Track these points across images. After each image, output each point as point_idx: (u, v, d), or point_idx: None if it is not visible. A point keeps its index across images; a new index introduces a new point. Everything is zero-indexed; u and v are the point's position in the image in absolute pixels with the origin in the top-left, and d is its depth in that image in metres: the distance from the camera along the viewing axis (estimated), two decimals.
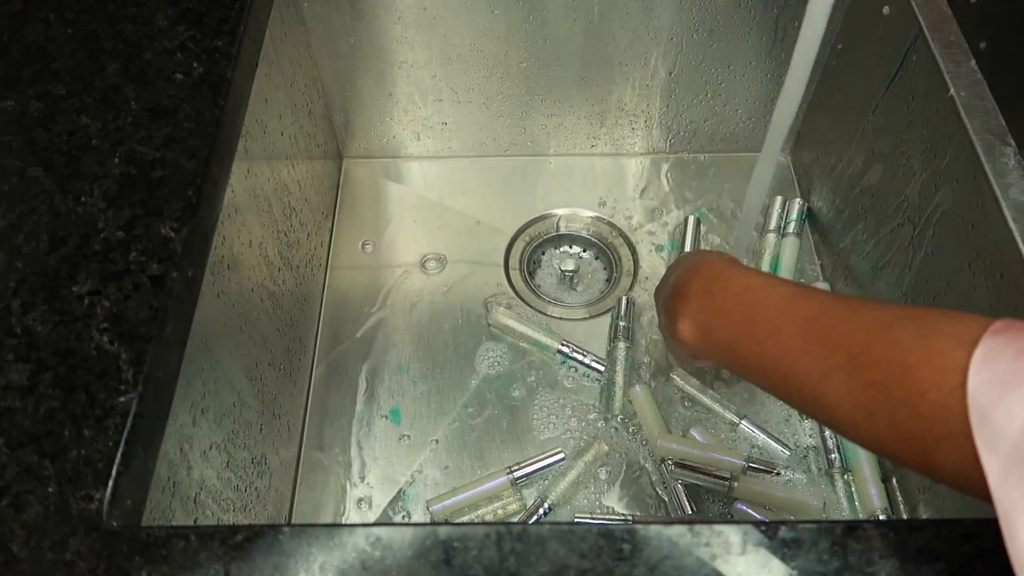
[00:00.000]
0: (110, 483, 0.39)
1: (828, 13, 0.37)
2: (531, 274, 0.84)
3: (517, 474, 0.69)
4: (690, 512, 0.67)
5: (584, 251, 0.87)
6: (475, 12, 0.77)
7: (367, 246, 0.86)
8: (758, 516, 0.67)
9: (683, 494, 0.68)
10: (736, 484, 0.67)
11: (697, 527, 0.36)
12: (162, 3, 0.59)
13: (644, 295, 0.81)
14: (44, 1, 0.59)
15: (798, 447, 0.71)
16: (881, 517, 0.66)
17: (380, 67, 0.82)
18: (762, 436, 0.72)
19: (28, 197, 0.49)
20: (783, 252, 0.83)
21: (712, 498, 0.69)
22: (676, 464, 0.68)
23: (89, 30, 0.57)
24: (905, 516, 0.67)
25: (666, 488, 0.69)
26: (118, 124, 0.52)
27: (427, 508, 0.68)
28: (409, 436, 0.73)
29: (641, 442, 0.71)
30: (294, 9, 0.74)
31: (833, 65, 0.79)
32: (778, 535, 0.36)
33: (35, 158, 0.51)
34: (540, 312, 0.80)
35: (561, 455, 0.70)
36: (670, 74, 0.84)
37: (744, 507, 0.68)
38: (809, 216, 0.86)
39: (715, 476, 0.67)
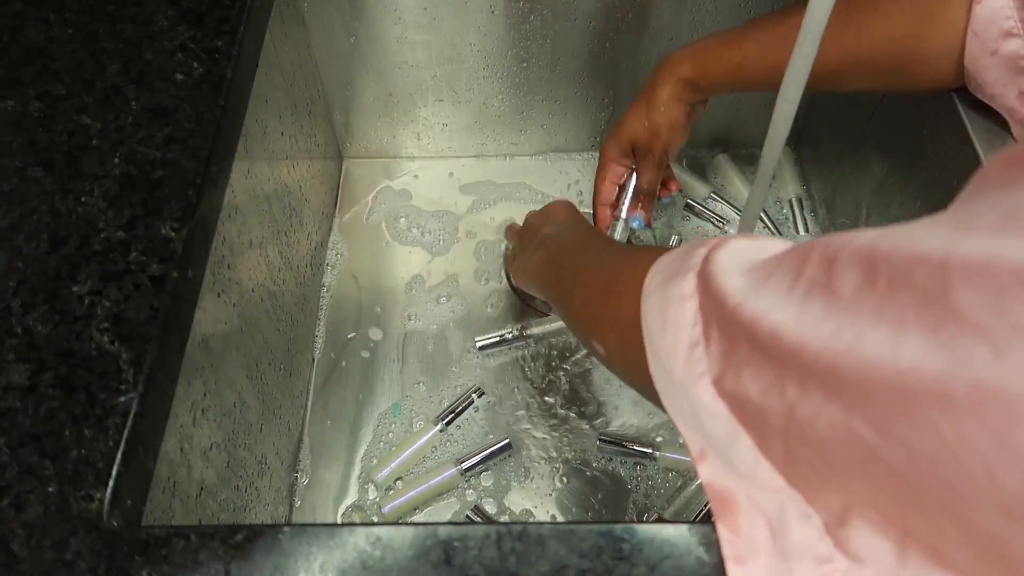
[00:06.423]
0: (110, 483, 0.39)
1: (828, 12, 0.37)
2: None
3: (465, 465, 0.70)
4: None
5: None
6: (475, 12, 0.77)
7: (367, 245, 0.86)
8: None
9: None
10: (659, 455, 0.70)
11: (698, 527, 0.36)
12: (162, 3, 0.59)
13: None
14: (44, 1, 0.59)
15: None
16: None
17: (380, 67, 0.82)
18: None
19: (28, 197, 0.49)
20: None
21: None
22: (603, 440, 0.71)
23: (89, 30, 0.57)
24: None
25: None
26: (118, 124, 0.52)
27: (379, 510, 0.69)
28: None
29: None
30: (294, 9, 0.74)
31: None
32: None
33: (35, 158, 0.51)
34: (540, 312, 0.80)
35: (507, 442, 0.71)
36: None
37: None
38: (811, 216, 0.86)
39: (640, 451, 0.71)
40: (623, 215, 0.72)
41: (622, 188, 0.73)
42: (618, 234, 0.72)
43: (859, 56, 0.56)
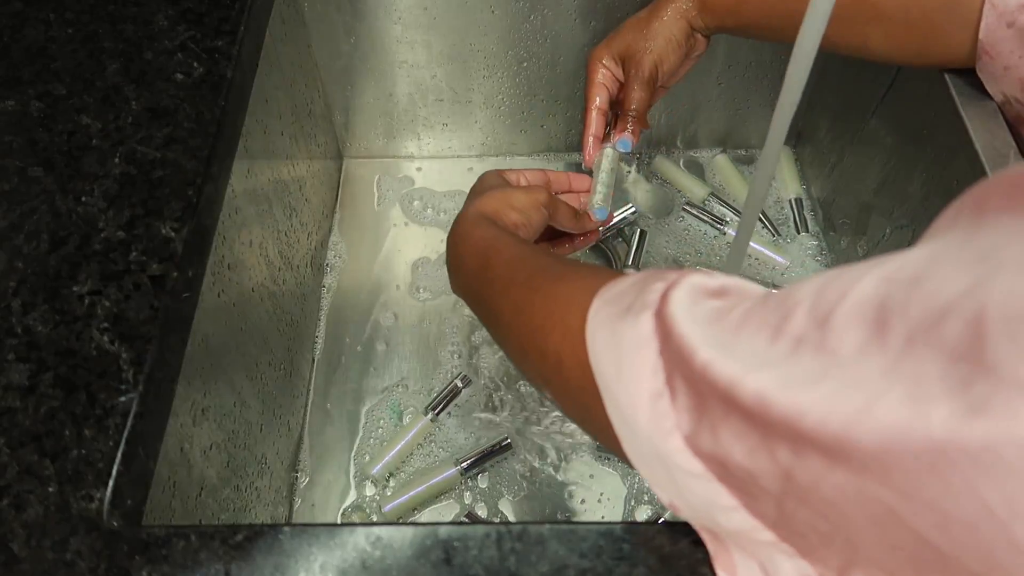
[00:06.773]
0: (110, 483, 0.39)
1: (828, 12, 0.37)
2: None
3: (465, 465, 0.70)
4: None
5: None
6: (475, 12, 0.77)
7: (367, 246, 0.86)
8: None
9: None
10: None
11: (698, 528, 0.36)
12: (162, 3, 0.59)
13: None
14: (44, 1, 0.59)
15: None
16: None
17: (380, 67, 0.82)
18: None
19: (29, 197, 0.49)
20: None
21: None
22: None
23: (89, 30, 0.57)
24: None
25: None
26: (118, 124, 0.52)
27: (379, 508, 0.69)
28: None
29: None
30: (294, 9, 0.74)
31: (834, 65, 0.79)
32: None
33: (35, 158, 0.51)
34: None
35: (508, 442, 0.71)
36: None
37: None
38: (811, 216, 0.86)
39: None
40: (610, 145, 0.67)
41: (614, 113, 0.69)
42: (606, 162, 0.67)
43: (874, 6, 0.55)
